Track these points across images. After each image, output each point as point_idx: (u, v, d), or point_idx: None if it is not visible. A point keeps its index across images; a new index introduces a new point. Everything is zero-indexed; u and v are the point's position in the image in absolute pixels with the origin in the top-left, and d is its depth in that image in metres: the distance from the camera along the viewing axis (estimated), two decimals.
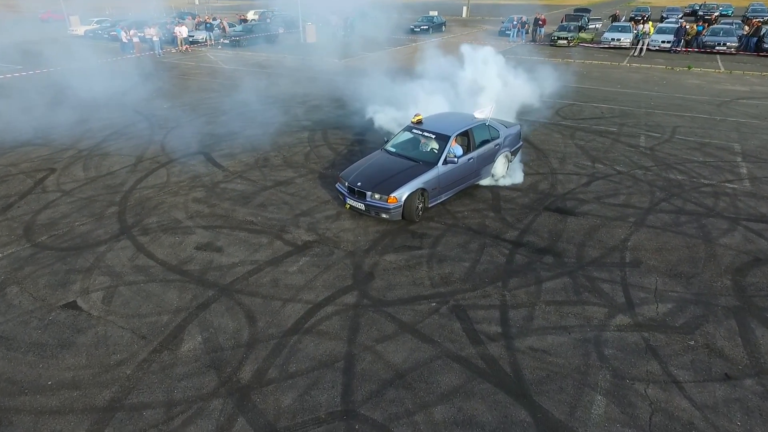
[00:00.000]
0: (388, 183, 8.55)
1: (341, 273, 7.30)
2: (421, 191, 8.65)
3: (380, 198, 8.41)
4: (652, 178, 10.59)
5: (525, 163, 11.26)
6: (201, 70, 23.60)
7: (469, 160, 9.42)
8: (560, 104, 16.54)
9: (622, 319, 6.28)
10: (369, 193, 8.50)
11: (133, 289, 6.93)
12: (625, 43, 29.11)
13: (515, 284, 7.00)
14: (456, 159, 8.91)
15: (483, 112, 10.07)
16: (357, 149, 12.44)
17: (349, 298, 6.71)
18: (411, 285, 7.00)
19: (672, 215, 8.97)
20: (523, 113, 14.79)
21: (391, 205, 8.34)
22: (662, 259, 7.60)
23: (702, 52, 27.21)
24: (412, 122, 9.90)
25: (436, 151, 9.30)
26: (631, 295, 6.74)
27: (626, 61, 25.42)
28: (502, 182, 10.36)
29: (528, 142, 12.63)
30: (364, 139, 13.16)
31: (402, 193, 8.38)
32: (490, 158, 9.98)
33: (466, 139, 9.60)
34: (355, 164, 9.47)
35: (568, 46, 30.19)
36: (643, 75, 22.00)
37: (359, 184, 8.66)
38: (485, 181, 10.20)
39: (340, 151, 12.33)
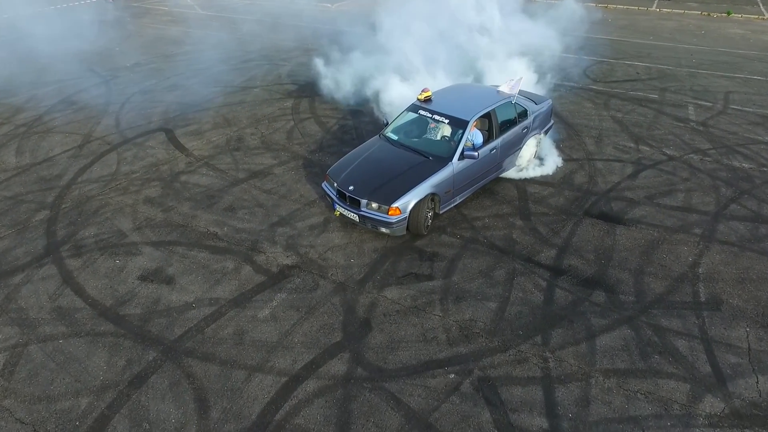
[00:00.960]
0: (390, 187, 6.61)
1: (328, 320, 5.52)
2: (432, 196, 6.74)
3: (379, 208, 6.49)
4: (713, 167, 8.62)
5: (555, 144, 9.25)
6: (174, 17, 20.75)
7: (491, 150, 7.42)
8: (587, 62, 14.19)
9: (712, 403, 4.59)
10: (364, 201, 6.57)
11: (48, 350, 5.17)
12: None
13: (559, 339, 5.26)
14: (476, 153, 6.91)
15: (509, 85, 7.94)
16: (350, 124, 10.34)
17: (338, 366, 4.97)
18: (420, 341, 5.24)
19: (748, 224, 7.11)
20: (544, 73, 12.47)
21: (394, 218, 6.43)
22: (748, 296, 5.83)
23: None
24: (418, 99, 7.80)
25: (449, 140, 7.29)
26: (718, 360, 5.02)
27: (655, 5, 22.54)
28: (529, 173, 8.41)
29: (555, 113, 10.51)
30: (358, 110, 11.00)
31: (407, 202, 6.45)
32: (516, 144, 7.97)
33: (487, 122, 7.56)
34: (346, 157, 7.46)
35: None
36: (677, 23, 19.35)
37: (351, 188, 6.71)
38: (509, 173, 8.25)
39: (329, 127, 10.23)
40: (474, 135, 7.37)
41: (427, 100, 7.74)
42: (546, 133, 8.73)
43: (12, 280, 6.12)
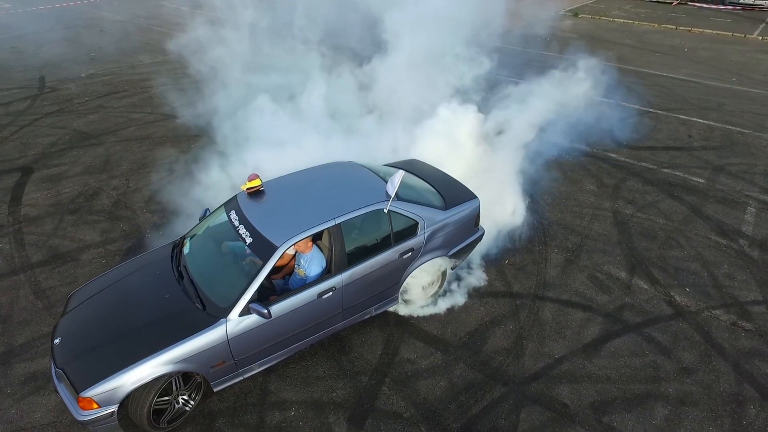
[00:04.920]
0: (106, 353, 3.95)
1: None
2: (177, 376, 4.00)
3: (69, 390, 3.88)
4: (749, 347, 4.97)
5: (498, 258, 6.04)
6: (83, 24, 19.23)
7: (324, 294, 4.46)
8: (625, 112, 10.41)
9: None
10: (58, 371, 3.98)
11: None
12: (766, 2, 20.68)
13: None
14: (266, 310, 4.01)
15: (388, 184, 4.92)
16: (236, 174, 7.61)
17: None
18: None
19: None
20: (553, 129, 8.94)
21: (87, 414, 3.75)
22: None
23: None
24: (243, 190, 5.02)
25: (242, 274, 4.44)
26: None
27: (758, 31, 17.55)
28: (428, 309, 5.36)
29: (534, 197, 7.14)
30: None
31: (116, 389, 3.72)
32: (390, 277, 4.93)
33: (332, 239, 4.61)
34: (113, 270, 4.89)
35: (671, 4, 22.15)
36: None
37: (57, 340, 4.15)
38: (397, 306, 5.25)
39: (210, 183, 7.57)
40: (309, 261, 4.51)
41: (254, 191, 4.94)
42: (466, 250, 5.54)
43: None
